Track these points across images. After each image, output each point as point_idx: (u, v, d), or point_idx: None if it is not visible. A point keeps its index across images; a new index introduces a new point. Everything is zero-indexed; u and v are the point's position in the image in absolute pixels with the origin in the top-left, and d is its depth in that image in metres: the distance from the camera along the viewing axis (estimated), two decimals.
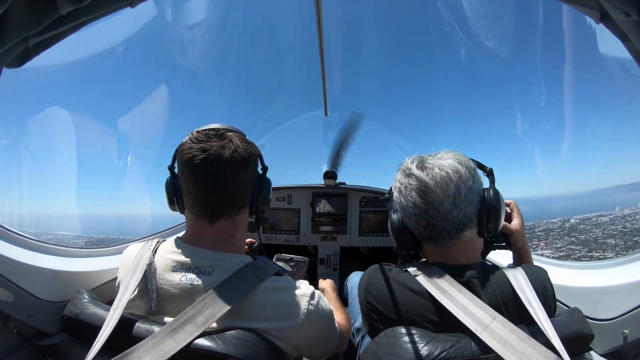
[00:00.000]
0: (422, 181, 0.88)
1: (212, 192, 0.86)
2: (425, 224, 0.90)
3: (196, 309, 0.75)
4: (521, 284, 0.84)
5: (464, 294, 0.79)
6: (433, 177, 0.88)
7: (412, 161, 0.95)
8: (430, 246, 0.95)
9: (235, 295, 0.77)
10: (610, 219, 13.69)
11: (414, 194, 0.89)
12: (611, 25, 0.66)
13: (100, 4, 0.64)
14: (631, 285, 0.94)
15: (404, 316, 0.85)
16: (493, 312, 0.75)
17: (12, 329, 0.89)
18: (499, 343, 0.69)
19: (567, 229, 13.69)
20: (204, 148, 0.84)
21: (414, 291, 0.86)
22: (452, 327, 0.78)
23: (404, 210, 0.93)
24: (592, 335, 0.83)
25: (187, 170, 0.85)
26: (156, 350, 0.69)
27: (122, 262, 0.94)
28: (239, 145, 0.88)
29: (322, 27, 1.02)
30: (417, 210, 0.90)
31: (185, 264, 0.85)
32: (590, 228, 13.63)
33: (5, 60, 0.63)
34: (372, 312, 0.91)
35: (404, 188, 0.92)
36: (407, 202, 0.91)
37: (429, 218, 0.89)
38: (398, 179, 0.96)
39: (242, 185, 0.89)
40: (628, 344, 0.90)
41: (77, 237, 12.07)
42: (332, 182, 2.60)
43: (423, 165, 0.92)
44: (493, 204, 0.90)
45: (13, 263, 0.94)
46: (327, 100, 1.89)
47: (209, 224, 0.89)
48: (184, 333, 0.71)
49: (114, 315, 0.76)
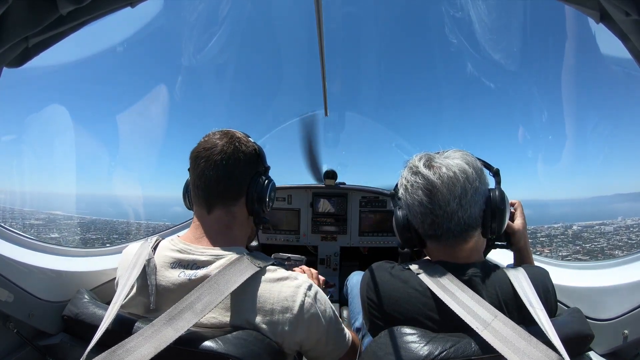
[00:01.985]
0: (428, 180, 0.88)
1: (205, 179, 0.91)
2: (430, 222, 0.90)
3: (194, 297, 0.75)
4: (522, 284, 0.84)
5: (466, 292, 0.80)
6: (440, 177, 0.87)
7: (420, 159, 0.95)
8: (434, 244, 0.95)
9: (232, 282, 0.78)
10: (614, 228, 13.48)
11: (420, 193, 0.89)
12: (611, 25, 0.66)
13: (100, 4, 0.64)
14: (631, 285, 0.94)
15: (406, 313, 0.85)
16: (494, 311, 0.75)
17: (12, 329, 0.89)
18: (500, 341, 0.69)
19: (571, 236, 13.49)
20: (205, 140, 0.95)
21: (416, 289, 0.86)
22: (453, 325, 0.78)
23: (410, 208, 0.93)
24: (592, 335, 0.83)
25: (191, 162, 0.95)
26: (154, 338, 0.68)
27: (122, 260, 0.94)
28: (235, 139, 0.94)
29: (322, 27, 1.02)
30: (422, 208, 0.89)
31: (184, 261, 0.85)
32: (595, 237, 13.42)
33: (5, 60, 0.63)
34: (373, 309, 0.91)
35: (410, 186, 0.92)
36: (413, 200, 0.91)
37: (434, 217, 0.89)
38: (404, 176, 0.95)
39: (233, 176, 0.92)
40: (628, 344, 0.90)
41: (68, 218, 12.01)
42: (332, 182, 2.60)
43: (430, 163, 0.91)
44: (498, 205, 0.90)
45: (13, 263, 0.94)
46: (327, 100, 1.89)
47: (207, 213, 0.93)
48: (182, 321, 0.71)
49: (113, 310, 0.76)
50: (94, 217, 13.91)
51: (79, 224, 12.31)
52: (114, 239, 11.83)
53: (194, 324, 0.72)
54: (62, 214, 12.08)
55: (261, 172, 0.99)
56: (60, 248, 1.22)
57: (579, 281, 1.13)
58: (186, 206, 1.10)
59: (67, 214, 12.28)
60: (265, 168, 1.02)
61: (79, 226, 12.03)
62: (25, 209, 12.41)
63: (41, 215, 12.05)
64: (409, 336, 0.76)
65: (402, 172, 0.98)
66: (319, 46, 1.12)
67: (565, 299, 1.13)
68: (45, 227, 11.43)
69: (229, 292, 0.76)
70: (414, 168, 0.93)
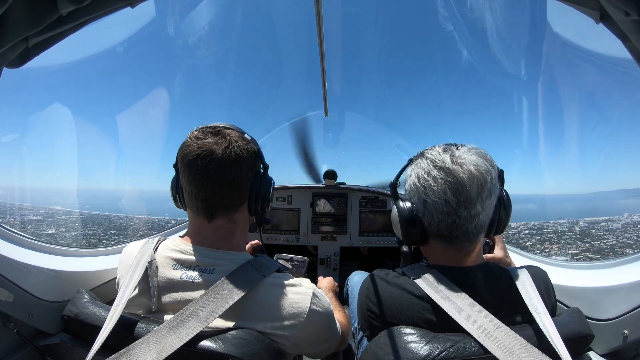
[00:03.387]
0: (457, 178, 0.81)
1: (205, 189, 0.85)
2: (451, 223, 0.84)
3: (199, 305, 0.75)
4: (526, 285, 0.84)
5: (465, 299, 0.78)
6: (469, 176, 0.81)
7: (444, 151, 0.86)
8: (440, 244, 0.90)
9: (237, 290, 0.77)
10: (622, 225, 13.26)
11: (447, 191, 0.82)
12: (611, 25, 0.66)
13: (100, 4, 0.64)
14: (631, 285, 0.94)
15: (407, 320, 0.84)
16: (495, 320, 0.74)
17: (12, 328, 0.89)
18: (502, 352, 0.69)
19: (579, 233, 13.26)
20: (198, 144, 0.84)
21: (414, 295, 0.85)
22: (454, 330, 0.77)
23: (428, 204, 0.86)
24: (592, 335, 0.83)
25: (183, 167, 0.86)
26: (158, 345, 0.68)
27: (122, 260, 0.93)
28: (233, 142, 0.86)
29: (322, 27, 1.02)
30: (447, 208, 0.83)
31: (186, 262, 0.85)
32: (603, 234, 13.18)
33: (5, 60, 0.63)
34: (374, 319, 0.89)
35: (433, 181, 0.84)
36: (437, 198, 0.83)
37: (456, 218, 0.83)
38: (423, 169, 0.87)
39: (235, 183, 0.87)
40: (628, 344, 0.90)
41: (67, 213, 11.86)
42: (332, 182, 2.60)
43: (456, 160, 0.84)
44: (507, 207, 0.90)
45: (13, 263, 0.94)
46: (327, 100, 1.89)
47: (207, 221, 0.88)
48: (186, 328, 0.71)
49: (115, 313, 0.76)
50: (93, 212, 13.73)
51: (77, 219, 12.10)
52: (112, 235, 11.61)
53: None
54: (62, 209, 11.92)
55: (261, 171, 0.96)
56: (60, 248, 1.22)
57: (579, 281, 1.13)
58: (177, 206, 1.00)
59: (66, 209, 12.11)
60: (265, 166, 0.97)
61: (77, 221, 11.73)
62: (25, 204, 12.27)
63: (40, 211, 11.87)
64: (409, 336, 0.76)
65: (419, 163, 0.89)
66: (319, 46, 1.12)
67: (565, 299, 1.13)
68: (42, 222, 11.23)
69: (233, 301, 0.75)
70: (439, 162, 0.84)
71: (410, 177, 0.91)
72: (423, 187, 0.86)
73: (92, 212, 13.62)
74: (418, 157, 0.92)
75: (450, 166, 0.82)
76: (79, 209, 12.36)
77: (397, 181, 0.98)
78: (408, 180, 0.92)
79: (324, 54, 1.16)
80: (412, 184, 0.90)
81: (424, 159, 0.88)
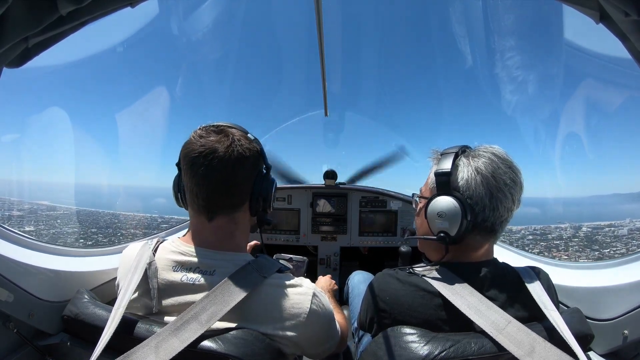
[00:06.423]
0: (519, 177, 0.88)
1: (206, 188, 0.84)
2: (505, 218, 0.89)
3: (200, 307, 0.74)
4: (534, 283, 0.86)
5: (475, 295, 0.80)
6: (520, 175, 0.89)
7: (499, 151, 0.91)
8: (477, 241, 0.90)
9: (238, 292, 0.77)
10: (628, 231, 13.14)
11: (518, 189, 0.88)
12: (611, 25, 0.66)
13: (100, 4, 0.64)
14: (631, 285, 0.94)
15: (419, 317, 0.84)
16: (507, 316, 0.76)
17: (12, 328, 0.89)
18: (515, 346, 0.70)
19: (585, 240, 12.98)
20: (201, 142, 0.83)
21: (427, 291, 0.86)
22: (465, 327, 0.79)
23: (495, 198, 0.85)
24: (592, 335, 0.84)
25: (185, 165, 0.85)
26: (160, 349, 0.68)
27: (122, 261, 0.93)
28: (236, 141, 0.85)
29: (322, 27, 1.02)
30: (508, 203, 0.87)
31: (186, 264, 0.84)
32: (610, 240, 13.01)
33: (5, 60, 0.63)
34: (386, 318, 0.89)
35: (509, 179, 0.86)
36: (505, 195, 0.86)
37: (508, 215, 0.89)
38: (491, 164, 0.86)
39: (237, 183, 0.86)
40: (628, 344, 0.90)
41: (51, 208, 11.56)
42: (332, 182, 2.60)
43: (511, 158, 0.91)
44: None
45: (13, 263, 0.94)
46: (327, 100, 1.89)
47: (207, 221, 0.88)
48: (188, 331, 0.71)
49: (116, 315, 0.76)
50: (80, 207, 13.33)
51: (61, 215, 11.73)
52: (91, 234, 11.17)
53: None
54: (48, 204, 11.66)
55: (264, 171, 0.95)
56: (60, 248, 1.22)
57: (579, 281, 1.13)
58: (178, 205, 1.00)
59: (52, 204, 11.81)
60: (267, 167, 0.96)
61: (59, 218, 11.38)
62: (13, 198, 11.93)
63: (25, 206, 11.58)
64: (409, 336, 0.76)
65: (487, 156, 0.88)
66: (319, 46, 1.12)
67: (565, 299, 1.13)
68: (23, 218, 10.88)
69: (234, 303, 0.75)
70: (507, 161, 0.88)
71: (478, 170, 0.87)
72: (494, 181, 0.85)
73: (78, 208, 13.23)
74: (469, 152, 0.92)
75: (515, 166, 0.89)
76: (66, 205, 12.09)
77: (454, 172, 0.90)
78: (467, 172, 0.87)
79: (324, 53, 1.16)
80: (480, 178, 0.86)
81: (486, 153, 0.89)
